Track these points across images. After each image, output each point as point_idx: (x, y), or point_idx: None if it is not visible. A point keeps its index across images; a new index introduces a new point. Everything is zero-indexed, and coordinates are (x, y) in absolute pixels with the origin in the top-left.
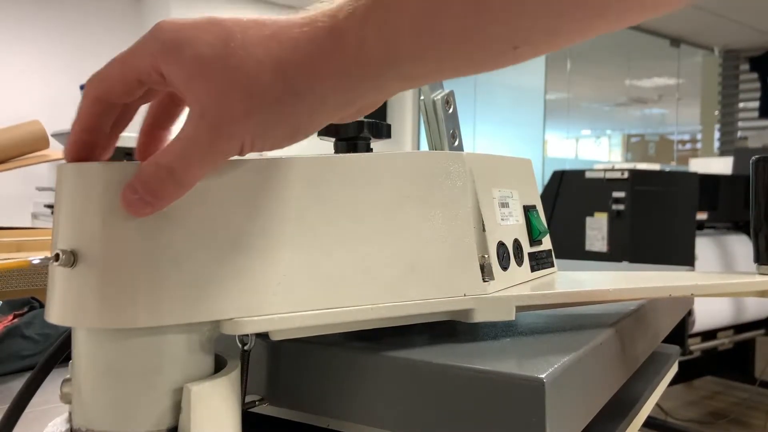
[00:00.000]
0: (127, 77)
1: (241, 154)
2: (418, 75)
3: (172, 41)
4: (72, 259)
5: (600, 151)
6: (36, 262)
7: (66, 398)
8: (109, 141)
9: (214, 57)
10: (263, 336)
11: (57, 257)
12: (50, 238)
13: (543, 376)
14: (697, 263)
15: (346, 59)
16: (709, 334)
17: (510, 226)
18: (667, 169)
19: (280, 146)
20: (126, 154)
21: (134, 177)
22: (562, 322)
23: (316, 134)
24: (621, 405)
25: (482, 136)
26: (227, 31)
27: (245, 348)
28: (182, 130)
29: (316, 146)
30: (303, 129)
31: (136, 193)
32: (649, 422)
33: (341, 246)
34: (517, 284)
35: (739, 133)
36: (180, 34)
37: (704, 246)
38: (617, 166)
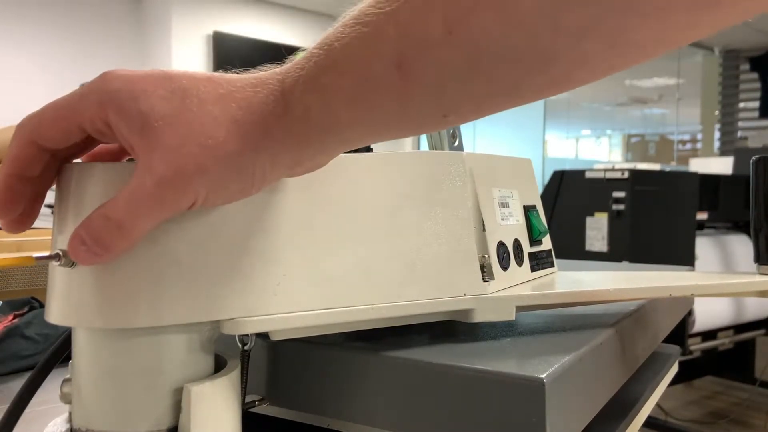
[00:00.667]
0: (69, 122)
1: (192, 208)
2: (358, 139)
3: (124, 92)
4: (71, 259)
5: (600, 151)
6: (37, 256)
7: (66, 398)
8: (34, 206)
9: (169, 111)
10: (263, 336)
11: (58, 257)
12: (50, 238)
13: (543, 376)
14: (697, 263)
15: (294, 124)
16: (709, 334)
17: (510, 226)
18: (668, 169)
19: (233, 200)
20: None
21: (81, 227)
22: (562, 322)
23: None
24: (621, 405)
25: (482, 136)
26: (182, 87)
27: (245, 348)
28: (132, 182)
29: None
30: (257, 184)
31: (84, 245)
32: (649, 422)
33: (341, 246)
34: (517, 284)
35: (740, 133)
36: (133, 86)
37: (704, 246)
38: (617, 166)
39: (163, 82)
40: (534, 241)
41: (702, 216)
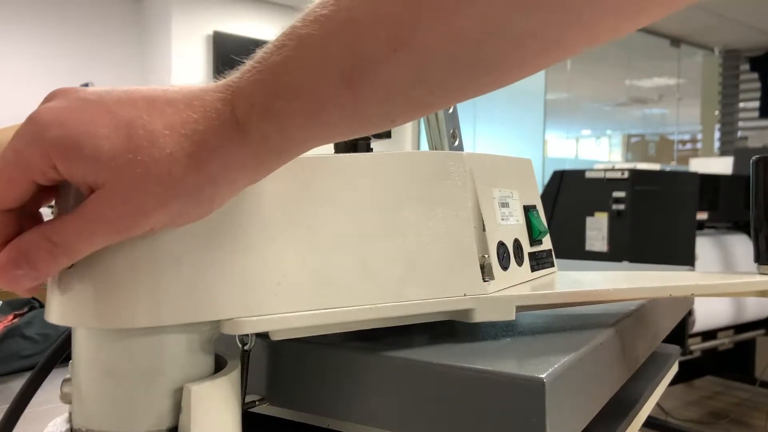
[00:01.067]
0: (19, 181)
1: (150, 233)
2: (310, 148)
3: (65, 139)
4: None
5: (600, 151)
6: None
7: (66, 398)
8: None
9: (119, 151)
10: (263, 336)
11: None
12: None
13: (543, 376)
14: (697, 263)
15: (252, 150)
16: (709, 334)
17: (510, 226)
18: (668, 169)
19: (189, 222)
20: None
21: (15, 250)
22: (562, 322)
23: None
24: (621, 405)
25: (482, 136)
26: (124, 121)
27: (245, 348)
28: (86, 208)
29: None
30: (216, 207)
31: (20, 269)
32: (649, 422)
33: (341, 246)
34: (517, 284)
35: (740, 133)
36: (70, 130)
37: (704, 246)
38: (617, 166)
39: (102, 117)
40: (534, 241)
41: (702, 216)
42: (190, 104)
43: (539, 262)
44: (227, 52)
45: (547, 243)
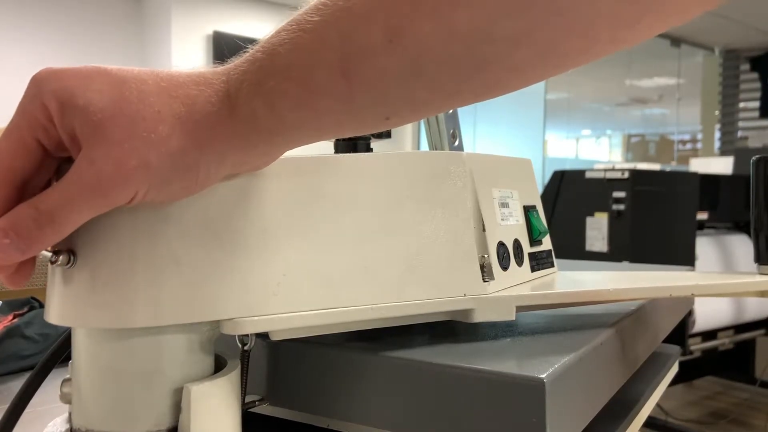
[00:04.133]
0: (26, 141)
1: (131, 203)
2: (304, 139)
3: (60, 90)
4: (70, 258)
5: (600, 151)
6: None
7: (66, 398)
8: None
9: (108, 104)
10: (263, 336)
11: (54, 257)
12: None
13: (543, 376)
14: (697, 263)
15: (241, 126)
16: (709, 334)
17: (510, 226)
18: (668, 169)
19: (176, 199)
20: None
21: (4, 220)
22: (562, 322)
23: None
24: (621, 405)
25: (482, 136)
26: (119, 80)
27: (245, 348)
28: (69, 175)
29: (316, 146)
30: (201, 183)
31: (6, 237)
32: (649, 422)
33: (341, 246)
34: (517, 284)
35: (740, 133)
36: (67, 83)
37: (704, 246)
38: (617, 166)
39: (98, 75)
40: (534, 241)
41: (702, 216)
42: (189, 76)
43: (539, 262)
44: (227, 52)
45: (547, 243)
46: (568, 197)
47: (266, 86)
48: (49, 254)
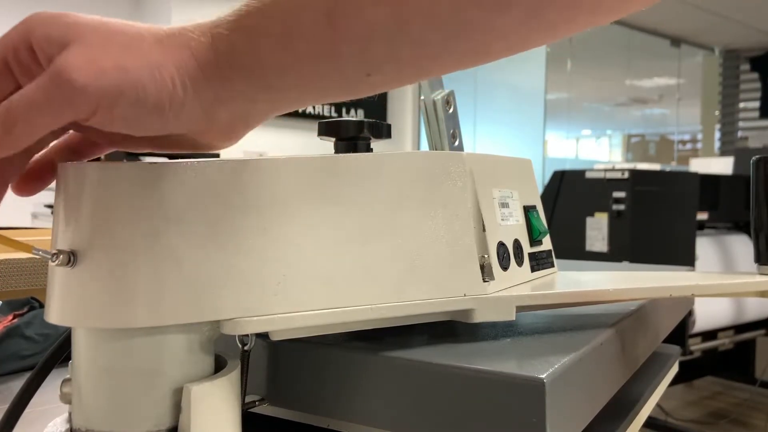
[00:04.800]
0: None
1: (96, 112)
2: (283, 90)
3: (47, 16)
4: (70, 258)
5: (600, 151)
6: (36, 249)
7: (66, 398)
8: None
9: (93, 25)
10: (263, 336)
11: (55, 256)
12: (50, 238)
13: (543, 376)
14: (697, 263)
15: (219, 57)
16: (709, 335)
17: (510, 226)
18: (668, 169)
19: (145, 123)
20: (127, 154)
21: None
22: (562, 322)
23: (315, 134)
24: (621, 405)
25: (482, 136)
26: (107, 19)
27: (245, 348)
28: (41, 76)
29: (316, 146)
30: (174, 108)
31: None
32: (649, 422)
33: (341, 246)
34: (517, 284)
35: (740, 133)
36: (54, 14)
37: (704, 246)
38: (617, 166)
39: (86, 15)
40: (534, 241)
41: (702, 216)
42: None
43: (539, 262)
44: None
45: (547, 243)
46: (568, 197)
47: (248, 22)
48: (49, 254)
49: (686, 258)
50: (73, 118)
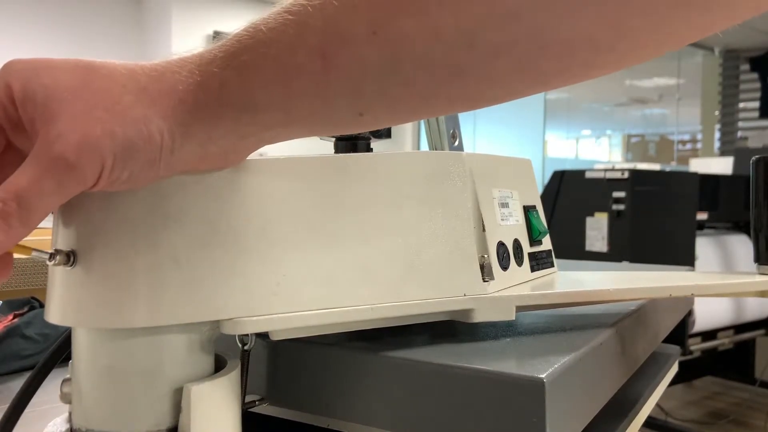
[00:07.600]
0: None
1: (98, 185)
2: (273, 127)
3: (27, 70)
4: (68, 258)
5: (600, 151)
6: (36, 250)
7: (66, 398)
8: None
9: (75, 83)
10: (263, 336)
11: (52, 256)
12: (50, 238)
13: (543, 376)
14: (697, 263)
15: (208, 96)
16: (709, 335)
17: (510, 226)
18: (668, 169)
19: (141, 176)
20: None
21: None
22: (562, 322)
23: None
24: (621, 405)
25: (482, 136)
26: (87, 63)
27: (245, 348)
28: (33, 153)
29: (316, 146)
30: (165, 157)
31: None
32: (649, 422)
33: (341, 246)
34: (517, 284)
35: (740, 133)
36: (35, 64)
37: (704, 246)
38: (617, 166)
39: (67, 61)
40: (534, 241)
41: (702, 216)
42: (160, 62)
43: (539, 262)
44: None
45: (546, 243)
46: (568, 197)
47: (241, 59)
48: (46, 255)
49: (686, 258)
50: (80, 190)
